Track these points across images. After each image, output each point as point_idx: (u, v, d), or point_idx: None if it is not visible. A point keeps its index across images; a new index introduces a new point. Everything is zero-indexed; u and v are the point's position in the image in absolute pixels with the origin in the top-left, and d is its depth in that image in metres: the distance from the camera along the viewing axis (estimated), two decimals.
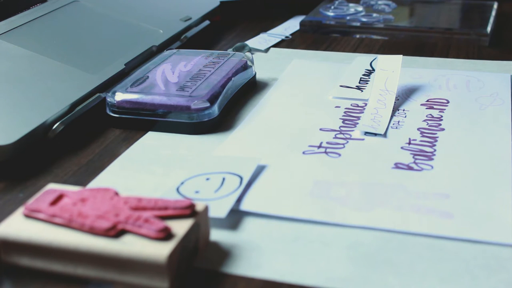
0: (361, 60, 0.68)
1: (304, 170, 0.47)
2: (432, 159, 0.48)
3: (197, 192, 0.43)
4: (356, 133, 0.52)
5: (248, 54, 0.64)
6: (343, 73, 0.64)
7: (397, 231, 0.40)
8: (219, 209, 0.41)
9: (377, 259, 0.37)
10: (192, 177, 0.45)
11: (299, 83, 0.63)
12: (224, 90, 0.56)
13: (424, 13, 0.85)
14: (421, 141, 0.51)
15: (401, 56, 0.61)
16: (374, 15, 0.82)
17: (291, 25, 0.82)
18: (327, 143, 0.51)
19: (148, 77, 0.57)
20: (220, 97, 0.55)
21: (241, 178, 0.44)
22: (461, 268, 0.36)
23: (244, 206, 0.42)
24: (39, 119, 0.50)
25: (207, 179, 0.45)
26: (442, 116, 0.55)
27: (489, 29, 0.76)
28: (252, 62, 0.62)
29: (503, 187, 0.44)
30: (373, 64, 0.66)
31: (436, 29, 0.77)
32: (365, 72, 0.64)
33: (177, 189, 0.44)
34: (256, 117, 0.56)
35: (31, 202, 0.38)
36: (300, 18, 0.83)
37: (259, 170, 0.47)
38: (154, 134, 0.53)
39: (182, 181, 0.45)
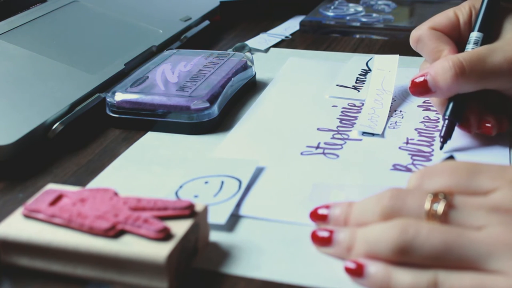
0: (357, 60, 0.68)
1: (303, 172, 0.47)
2: (430, 159, 0.48)
3: (196, 196, 0.43)
4: (354, 133, 0.52)
5: (248, 54, 0.64)
6: (339, 72, 0.65)
7: None
8: (218, 215, 0.41)
9: None
10: (191, 180, 0.45)
11: (295, 82, 0.63)
12: (224, 90, 0.56)
13: (424, 13, 0.85)
14: (418, 140, 0.51)
15: (397, 56, 0.61)
16: (374, 15, 0.82)
17: (291, 25, 0.82)
18: (325, 143, 0.51)
19: (148, 77, 0.57)
20: (220, 97, 0.55)
21: (240, 182, 0.45)
22: None
23: (243, 211, 0.42)
24: (39, 119, 0.50)
25: (206, 182, 0.45)
26: (439, 118, 0.55)
27: None
28: (252, 62, 0.62)
29: None
30: (369, 64, 0.66)
31: None
32: (362, 72, 0.64)
33: (176, 193, 0.44)
34: (254, 116, 0.56)
35: (30, 202, 0.38)
36: (300, 18, 0.83)
37: (258, 172, 0.47)
38: (154, 134, 0.54)
39: (180, 184, 0.45)
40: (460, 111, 0.49)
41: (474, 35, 0.50)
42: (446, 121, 0.48)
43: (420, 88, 0.48)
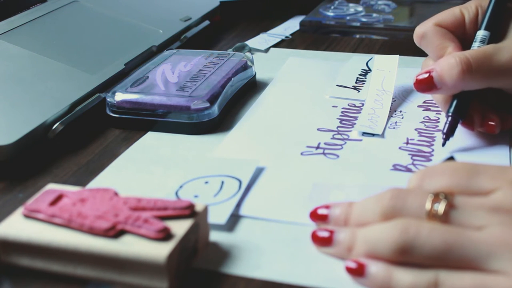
0: (357, 60, 0.68)
1: (303, 172, 0.47)
2: (430, 159, 0.48)
3: (196, 196, 0.43)
4: (354, 133, 0.52)
5: (248, 54, 0.64)
6: (339, 72, 0.65)
7: None
8: (218, 215, 0.41)
9: None
10: (191, 180, 0.45)
11: (295, 82, 0.63)
12: (224, 90, 0.56)
13: (424, 13, 0.85)
14: (419, 140, 0.51)
15: (397, 56, 0.61)
16: (374, 15, 0.82)
17: (291, 25, 0.82)
18: (325, 143, 0.51)
19: (148, 77, 0.57)
20: (220, 97, 0.55)
21: (240, 182, 0.44)
22: None
23: (244, 211, 0.42)
24: (39, 119, 0.50)
25: (206, 182, 0.45)
26: (439, 118, 0.55)
27: None
28: (252, 62, 0.62)
29: None
30: (369, 64, 0.66)
31: None
32: (362, 72, 0.64)
33: (176, 193, 0.44)
34: (254, 116, 0.56)
35: (30, 202, 0.38)
36: (300, 18, 0.83)
37: (258, 172, 0.47)
38: (154, 134, 0.54)
39: (181, 184, 0.45)
40: (464, 109, 0.49)
41: (481, 33, 0.50)
42: (449, 118, 0.48)
43: (425, 84, 0.48)
